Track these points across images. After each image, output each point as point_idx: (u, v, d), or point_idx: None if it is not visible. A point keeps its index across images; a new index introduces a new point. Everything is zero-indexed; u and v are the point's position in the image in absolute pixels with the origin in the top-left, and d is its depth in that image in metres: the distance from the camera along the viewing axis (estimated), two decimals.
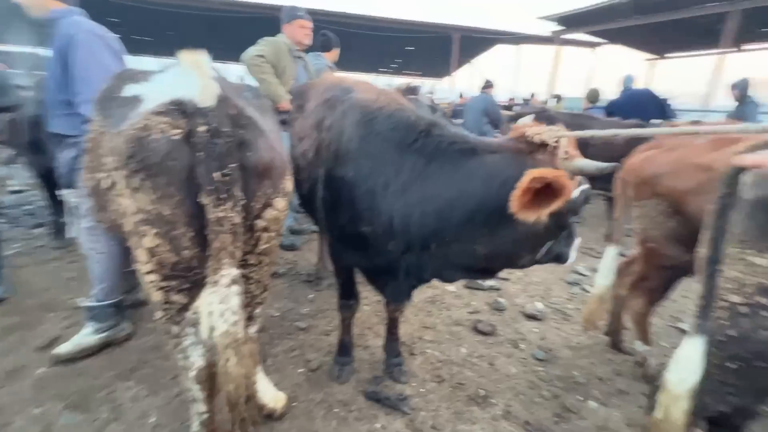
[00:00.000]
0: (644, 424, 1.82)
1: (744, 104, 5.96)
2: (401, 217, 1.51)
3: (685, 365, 1.34)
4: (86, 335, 2.28)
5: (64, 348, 2.21)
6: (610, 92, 7.33)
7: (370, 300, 2.99)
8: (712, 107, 9.94)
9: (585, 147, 5.13)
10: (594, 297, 2.35)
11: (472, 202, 1.41)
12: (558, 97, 8.67)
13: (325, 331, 2.65)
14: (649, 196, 2.11)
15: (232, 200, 1.09)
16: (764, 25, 10.97)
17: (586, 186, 1.49)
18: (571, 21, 12.98)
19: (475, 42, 18.50)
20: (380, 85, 2.08)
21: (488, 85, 7.12)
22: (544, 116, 5.44)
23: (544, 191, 1.21)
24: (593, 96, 6.97)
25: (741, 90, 5.95)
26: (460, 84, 18.05)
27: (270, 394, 1.91)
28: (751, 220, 1.20)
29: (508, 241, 1.44)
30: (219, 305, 1.17)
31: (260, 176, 1.19)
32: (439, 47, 18.36)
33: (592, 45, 17.16)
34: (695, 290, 1.40)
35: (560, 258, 1.59)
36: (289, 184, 1.38)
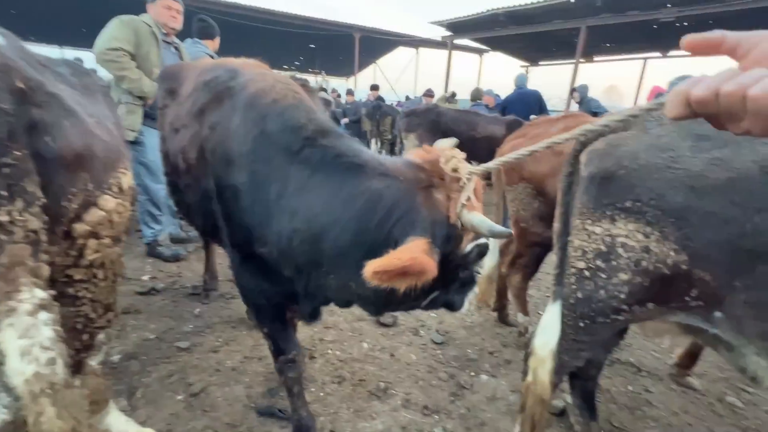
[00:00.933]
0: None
1: (583, 104, 7.35)
2: (286, 236, 1.26)
3: (547, 329, 1.47)
4: None
5: None
6: (502, 92, 8.53)
7: None
8: (572, 108, 11.74)
9: (473, 142, 5.53)
10: (483, 277, 2.51)
11: (346, 233, 1.15)
12: (453, 95, 9.36)
13: (212, 348, 2.36)
14: (518, 180, 2.33)
15: (22, 199, 0.83)
16: (607, 40, 13.33)
17: (482, 241, 1.20)
18: (458, 27, 14.10)
19: (376, 43, 18.94)
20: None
21: (374, 87, 8.45)
22: (434, 112, 5.76)
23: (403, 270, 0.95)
24: (475, 95, 7.86)
25: (581, 93, 7.50)
26: (364, 84, 18.27)
27: None
28: (586, 193, 1.35)
29: (381, 289, 1.04)
30: (19, 341, 0.91)
31: (71, 168, 0.94)
32: (342, 47, 18.36)
33: (479, 51, 18.92)
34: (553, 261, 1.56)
35: (450, 306, 1.38)
36: (125, 178, 1.15)
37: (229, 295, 3.00)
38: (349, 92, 11.02)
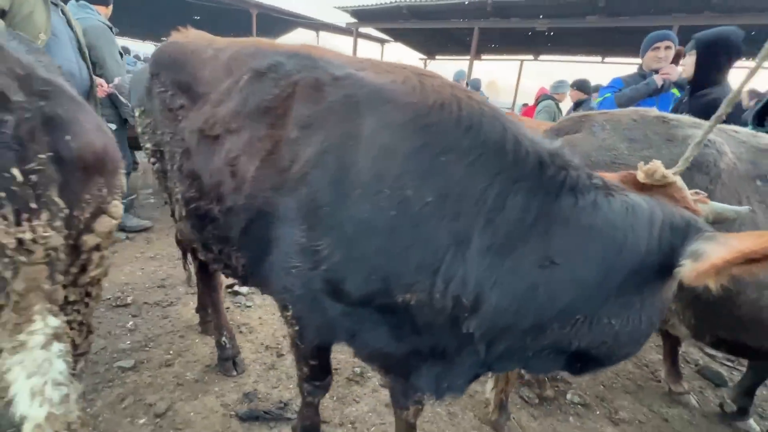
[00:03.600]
0: None
1: None
2: (498, 289, 0.91)
3: None
4: None
5: None
6: None
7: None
8: None
9: None
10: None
11: (629, 262, 0.88)
12: None
13: (163, 362, 2.13)
14: None
15: (48, 211, 0.69)
16: (493, 41, 14.95)
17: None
18: (363, 15, 14.17)
19: (275, 23, 17.80)
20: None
21: None
22: None
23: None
24: None
25: (475, 86, 8.53)
26: None
27: None
28: None
29: (655, 310, 0.95)
30: (30, 381, 0.77)
31: (88, 170, 0.79)
32: (234, 22, 16.76)
33: (381, 41, 19.33)
34: None
35: None
36: (122, 179, 1.00)
37: (165, 303, 2.68)
38: None
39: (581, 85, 5.46)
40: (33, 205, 0.66)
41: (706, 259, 0.80)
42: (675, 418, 2.16)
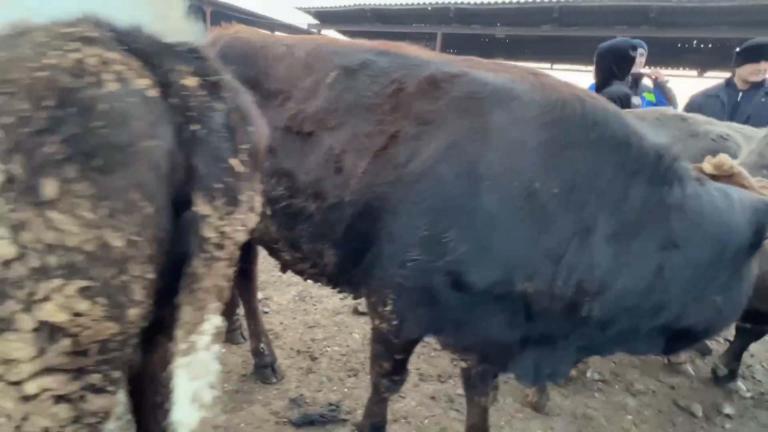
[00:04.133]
0: None
1: None
2: (626, 273, 1.00)
3: None
4: None
5: None
6: None
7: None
8: None
9: None
10: None
11: (734, 241, 1.01)
12: None
13: None
14: None
15: (245, 205, 0.67)
16: (452, 47, 15.54)
17: None
18: (326, 17, 14.09)
19: (230, 21, 17.12)
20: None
21: None
22: None
23: None
24: None
25: None
26: None
27: None
28: None
29: (748, 283, 1.09)
30: (191, 384, 0.74)
31: (260, 163, 0.76)
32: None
33: None
34: None
35: None
36: None
37: None
38: None
39: None
40: (238, 197, 0.63)
41: None
42: (679, 386, 2.41)
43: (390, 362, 1.38)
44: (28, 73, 0.46)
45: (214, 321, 0.75)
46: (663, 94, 3.32)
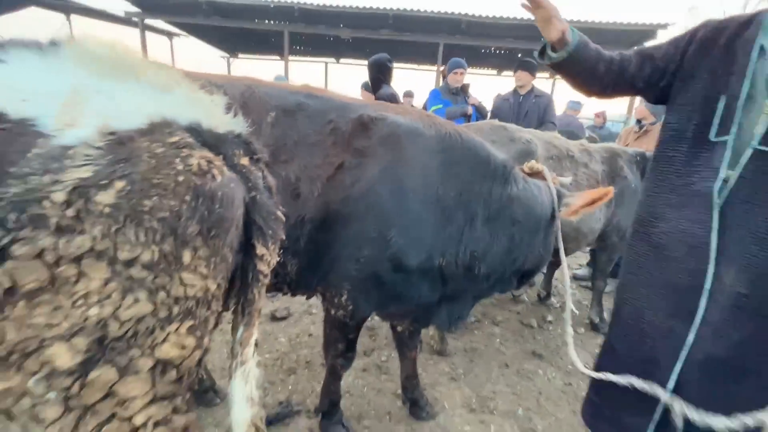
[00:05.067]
0: None
1: None
2: (497, 242, 1.62)
3: None
4: None
5: None
6: None
7: None
8: None
9: None
10: None
11: (546, 214, 1.72)
12: None
13: None
14: None
15: (279, 242, 0.91)
16: (299, 44, 15.59)
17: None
18: (150, 5, 12.28)
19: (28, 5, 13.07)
20: None
21: None
22: None
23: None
24: None
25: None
26: None
27: None
28: None
29: (553, 238, 1.78)
30: (247, 386, 0.97)
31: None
32: None
33: (170, 34, 17.01)
34: None
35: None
36: None
37: None
38: None
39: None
40: (278, 237, 0.85)
41: (571, 206, 1.71)
42: (522, 310, 3.45)
43: (344, 343, 1.72)
44: (172, 179, 0.60)
45: (257, 333, 0.96)
46: (480, 111, 4.44)
